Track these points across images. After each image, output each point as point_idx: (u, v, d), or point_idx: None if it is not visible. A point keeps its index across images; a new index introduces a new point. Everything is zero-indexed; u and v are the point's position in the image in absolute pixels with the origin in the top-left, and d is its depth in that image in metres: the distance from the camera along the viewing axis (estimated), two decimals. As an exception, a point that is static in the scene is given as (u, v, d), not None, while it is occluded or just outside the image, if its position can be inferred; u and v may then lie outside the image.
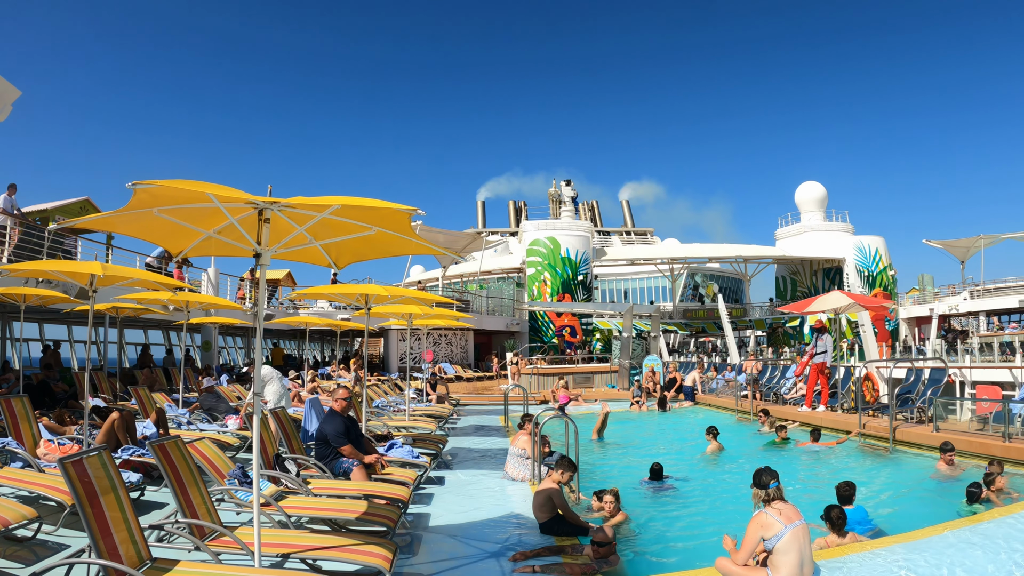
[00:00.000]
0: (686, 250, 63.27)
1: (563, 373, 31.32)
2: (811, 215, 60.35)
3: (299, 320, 25.70)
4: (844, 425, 17.05)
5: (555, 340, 48.63)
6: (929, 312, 51.37)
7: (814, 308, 21.60)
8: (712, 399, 25.95)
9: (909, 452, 14.44)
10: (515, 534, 8.41)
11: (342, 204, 5.49)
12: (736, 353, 34.65)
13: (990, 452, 12.46)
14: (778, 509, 6.42)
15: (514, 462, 12.02)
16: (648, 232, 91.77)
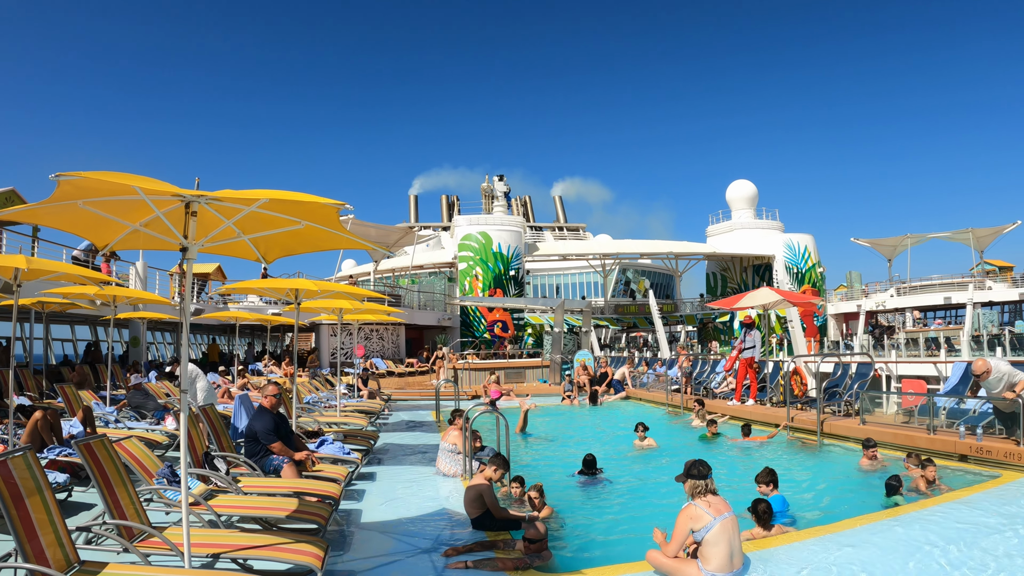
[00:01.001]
0: (618, 246, 63.90)
1: (495, 368, 31.32)
2: (742, 213, 61.42)
3: (229, 315, 25.40)
4: (773, 418, 17.26)
5: (487, 335, 48.75)
6: (857, 308, 52.50)
7: (743, 304, 21.87)
8: (643, 393, 26.15)
9: (836, 445, 14.70)
10: (447, 530, 8.43)
11: (270, 198, 5.45)
12: (667, 348, 34.96)
13: (915, 444, 12.79)
14: (707, 501, 6.51)
15: (445, 457, 12.05)
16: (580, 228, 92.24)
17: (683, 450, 14.78)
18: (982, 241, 61.44)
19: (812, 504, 10.52)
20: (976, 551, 7.25)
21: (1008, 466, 11.21)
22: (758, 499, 8.57)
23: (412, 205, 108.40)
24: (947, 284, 57.50)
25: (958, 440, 12.28)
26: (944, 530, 8.00)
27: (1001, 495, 9.72)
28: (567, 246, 64.60)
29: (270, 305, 31.38)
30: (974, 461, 11.87)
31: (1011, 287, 56.84)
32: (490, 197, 59.56)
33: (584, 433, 19.03)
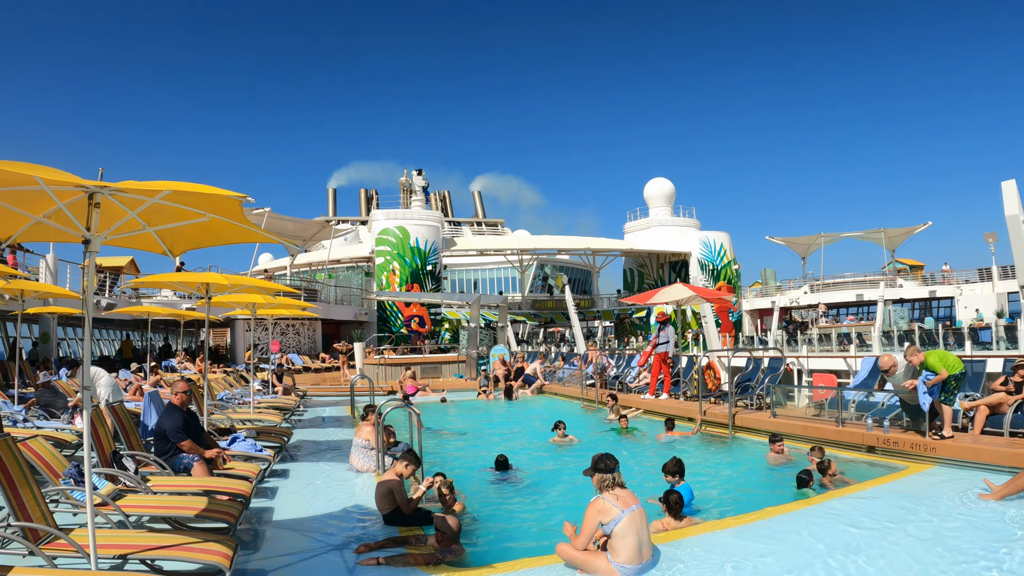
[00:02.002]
0: (536, 241, 64.04)
1: (410, 363, 31.26)
2: (659, 210, 62.14)
3: (141, 310, 24.83)
4: (686, 412, 17.45)
5: (404, 330, 48.53)
6: (771, 304, 53.59)
7: (657, 300, 22.06)
8: (559, 388, 26.28)
9: (748, 438, 14.97)
10: (359, 526, 8.46)
11: (172, 189, 5.40)
12: (583, 343, 35.28)
13: (824, 436, 13.11)
14: (615, 494, 6.60)
15: (358, 453, 12.05)
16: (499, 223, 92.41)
17: (598, 444, 14.80)
18: (894, 241, 63.27)
19: (723, 496, 10.68)
20: (881, 537, 7.53)
21: (914, 457, 11.57)
22: (669, 490, 8.72)
23: (330, 199, 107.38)
24: (859, 282, 59.09)
25: (866, 432, 12.65)
26: (853, 519, 8.26)
27: (907, 485, 10.08)
28: (485, 241, 64.60)
29: (184, 300, 30.84)
30: (882, 452, 12.22)
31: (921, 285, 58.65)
32: (408, 191, 59.24)
33: (499, 428, 19.12)
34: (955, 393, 11.83)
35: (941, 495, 9.35)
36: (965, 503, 8.86)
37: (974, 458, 10.90)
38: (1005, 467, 10.28)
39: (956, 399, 12.59)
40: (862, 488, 10.03)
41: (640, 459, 13.43)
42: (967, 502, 8.89)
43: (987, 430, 12.01)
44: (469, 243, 61.45)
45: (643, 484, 10.00)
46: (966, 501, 8.95)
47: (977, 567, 6.55)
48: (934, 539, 7.45)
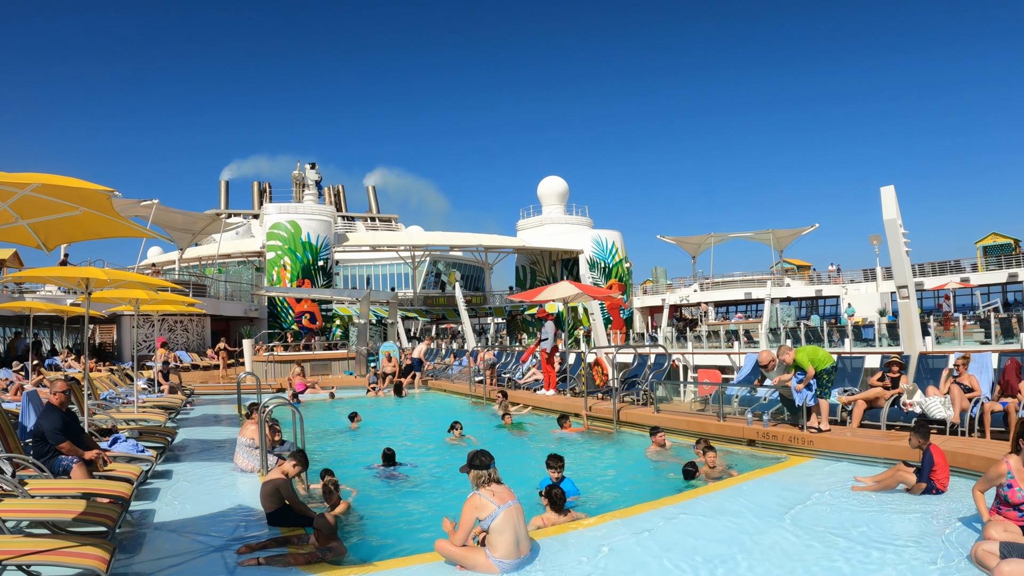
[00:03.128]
0: (428, 238, 63.98)
1: (300, 360, 31.04)
2: (552, 208, 62.89)
3: (22, 305, 24.12)
4: (573, 408, 17.62)
5: (295, 327, 47.95)
6: (661, 302, 54.74)
7: (543, 297, 22.29)
8: (447, 385, 26.45)
9: (633, 432, 15.17)
10: (242, 526, 8.39)
11: (41, 182, 5.37)
12: (472, 340, 35.53)
13: (707, 431, 13.36)
14: (492, 490, 6.71)
15: (243, 452, 11.91)
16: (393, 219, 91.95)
17: (491, 442, 14.86)
18: (782, 241, 65.34)
19: (606, 490, 10.87)
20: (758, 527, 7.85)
21: (792, 449, 11.99)
22: (551, 484, 8.81)
23: (223, 191, 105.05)
24: (748, 280, 60.83)
25: (746, 426, 13.02)
26: (731, 510, 8.56)
27: (785, 477, 10.49)
28: (377, 237, 64.32)
29: (68, 295, 30.00)
30: (761, 446, 12.59)
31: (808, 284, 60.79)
32: (301, 185, 58.58)
33: (388, 424, 19.09)
34: (829, 387, 12.24)
35: (816, 486, 9.73)
36: (838, 495, 9.23)
37: (850, 450, 11.33)
38: (880, 459, 10.74)
39: (832, 393, 13.10)
40: (742, 480, 10.36)
41: (528, 455, 13.52)
42: (840, 494, 9.27)
43: (865, 423, 12.56)
44: (362, 239, 61.01)
45: (531, 480, 10.11)
46: (839, 493, 9.32)
47: (845, 556, 6.85)
48: (808, 528, 7.77)
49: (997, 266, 53.23)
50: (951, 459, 9.52)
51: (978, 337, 31.74)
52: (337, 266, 57.22)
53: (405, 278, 67.03)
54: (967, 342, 30.76)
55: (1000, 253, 54.94)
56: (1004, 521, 6.77)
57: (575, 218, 63.07)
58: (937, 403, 11.84)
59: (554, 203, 63.06)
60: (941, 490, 8.93)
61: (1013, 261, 52.58)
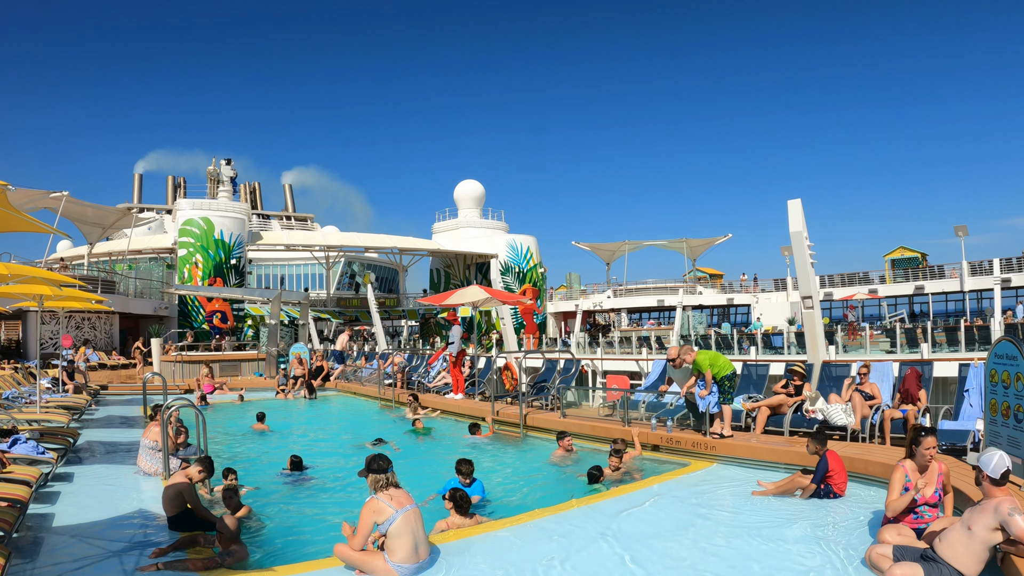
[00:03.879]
0: (343, 238, 63.51)
1: (209, 360, 30.66)
2: (468, 212, 63.01)
3: (-81, 301, 23.51)
4: (480, 412, 17.76)
5: (205, 326, 47.12)
6: (575, 307, 55.22)
7: (452, 301, 22.38)
8: (357, 387, 26.32)
9: (540, 437, 15.28)
10: (143, 531, 8.30)
11: None
12: (384, 342, 35.47)
13: (612, 435, 13.17)
14: (390, 495, 6.75)
15: (146, 455, 11.72)
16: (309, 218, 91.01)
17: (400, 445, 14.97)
18: (695, 250, 66.50)
19: (512, 494, 10.95)
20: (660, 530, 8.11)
21: (696, 455, 12.19)
22: (454, 487, 8.86)
23: (136, 185, 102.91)
24: (661, 288, 61.68)
25: (650, 432, 13.21)
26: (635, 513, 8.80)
27: (688, 481, 10.75)
28: (292, 236, 63.58)
29: (-31, 290, 29.18)
30: (666, 451, 12.78)
31: (720, 293, 61.98)
32: (216, 181, 57.76)
33: (297, 427, 18.98)
34: (731, 393, 12.55)
35: (717, 491, 10.04)
36: (738, 499, 9.53)
37: (751, 456, 11.63)
38: (781, 464, 11.05)
39: (736, 399, 13.42)
40: (646, 484, 10.55)
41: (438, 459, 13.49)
42: (740, 498, 9.57)
43: (769, 429, 12.87)
44: (276, 238, 60.27)
45: (441, 483, 10.12)
46: (740, 497, 9.62)
47: (743, 558, 7.12)
48: (708, 532, 8.06)
49: (904, 279, 55.00)
50: (850, 465, 9.86)
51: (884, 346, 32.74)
52: (250, 265, 56.42)
53: (319, 279, 66.26)
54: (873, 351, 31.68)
55: (908, 266, 56.68)
56: (898, 525, 7.09)
57: (491, 222, 63.29)
58: (839, 410, 12.21)
59: (470, 207, 63.19)
60: (839, 495, 9.21)
61: (920, 274, 54.34)
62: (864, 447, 11.41)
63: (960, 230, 48.36)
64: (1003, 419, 8.70)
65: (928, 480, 7.25)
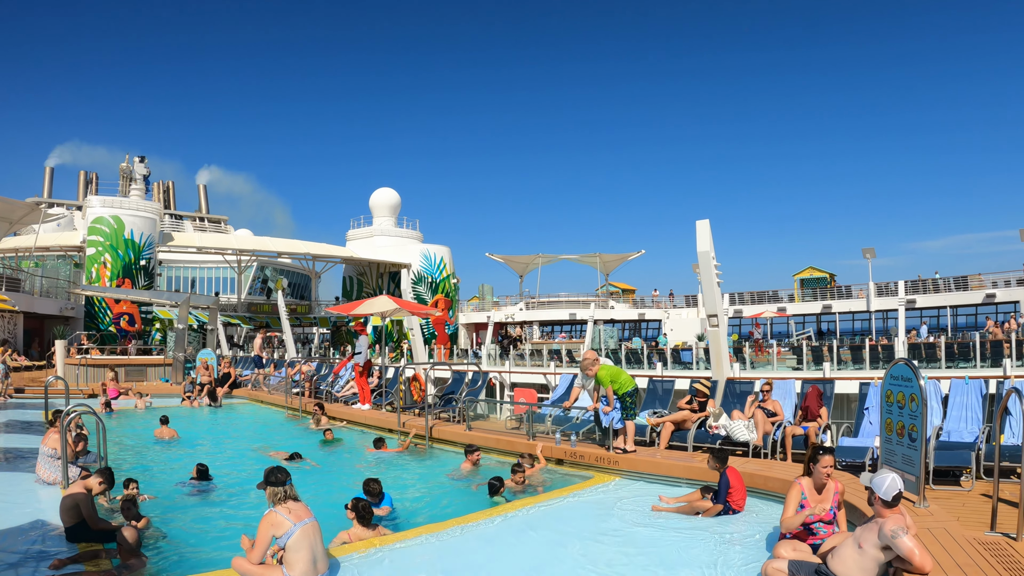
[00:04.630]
0: (257, 243, 62.63)
1: (114, 364, 30.09)
2: (383, 220, 62.71)
3: None
4: (386, 423, 17.86)
5: (112, 328, 46.02)
6: (487, 319, 55.50)
7: (360, 311, 22.32)
8: (264, 396, 26.01)
9: (446, 449, 15.32)
10: (40, 542, 8.20)
11: None
12: (293, 349, 35.29)
13: (516, 449, 13.53)
14: (288, 508, 6.73)
15: (45, 463, 11.46)
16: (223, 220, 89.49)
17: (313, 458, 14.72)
18: (608, 265, 67.37)
19: (416, 506, 10.92)
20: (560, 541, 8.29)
21: (599, 469, 12.27)
22: (356, 497, 8.74)
23: (47, 179, 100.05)
24: (573, 302, 62.23)
25: (554, 446, 13.24)
26: (537, 525, 8.97)
27: (590, 495, 10.94)
28: (204, 239, 62.34)
29: None
30: (569, 464, 12.83)
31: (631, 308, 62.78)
32: (129, 179, 56.28)
33: (201, 436, 18.64)
34: (634, 409, 12.68)
35: (618, 506, 10.09)
36: (639, 514, 9.62)
37: (653, 471, 11.74)
38: (682, 479, 11.16)
39: (641, 414, 13.74)
40: (548, 498, 10.66)
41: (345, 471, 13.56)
42: (641, 513, 9.66)
43: (673, 444, 13.02)
44: (187, 239, 58.97)
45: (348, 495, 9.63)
46: (640, 512, 9.70)
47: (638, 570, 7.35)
48: (606, 546, 8.24)
49: (813, 298, 56.51)
50: (750, 481, 10.07)
51: (791, 363, 33.60)
52: (160, 266, 55.22)
53: (231, 283, 65.13)
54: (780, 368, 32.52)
55: (816, 286, 58.28)
56: (794, 541, 7.28)
57: (405, 231, 63.17)
58: (741, 426, 12.39)
59: (385, 215, 62.94)
60: (737, 511, 9.36)
61: (828, 294, 55.90)
62: (765, 463, 11.56)
63: (868, 252, 49.97)
64: (898, 438, 8.98)
65: (824, 498, 7.44)
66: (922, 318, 49.11)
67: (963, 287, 47.92)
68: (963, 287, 47.92)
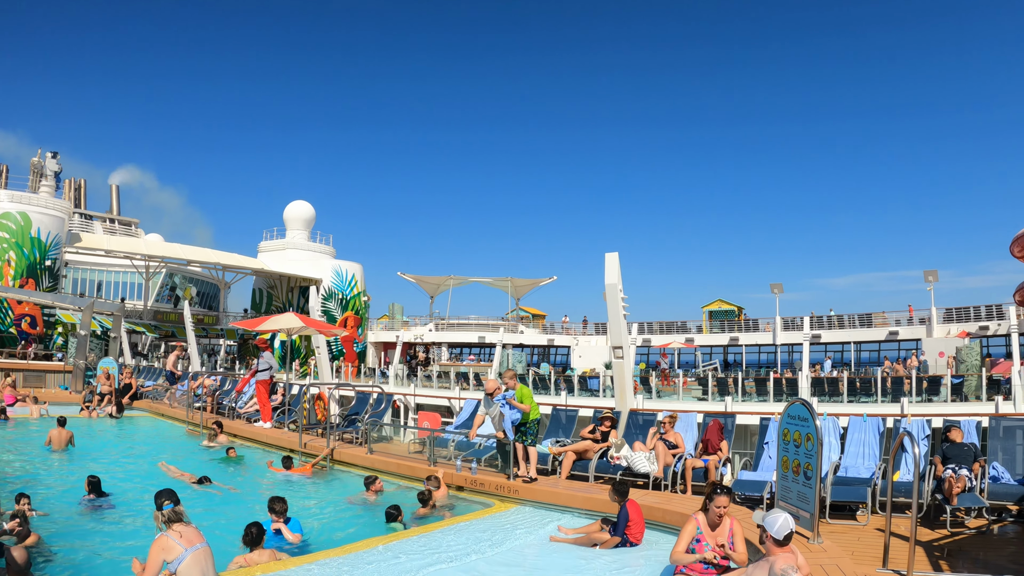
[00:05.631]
0: (167, 249, 61.00)
1: (10, 369, 29.27)
2: (297, 233, 62.10)
3: None
4: (287, 443, 17.50)
5: (13, 330, 44.68)
6: (396, 338, 55.23)
7: (266, 327, 21.97)
8: (166, 409, 25.43)
9: (348, 472, 15.13)
10: None
11: None
12: (198, 361, 34.67)
13: (417, 474, 13.47)
14: (179, 532, 6.66)
15: None
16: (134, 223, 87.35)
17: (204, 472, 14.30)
18: (519, 290, 67.67)
19: (314, 530, 10.71)
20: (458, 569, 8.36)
21: (499, 497, 12.29)
22: (251, 523, 8.62)
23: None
24: (483, 324, 62.33)
25: (455, 472, 13.27)
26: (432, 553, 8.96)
27: (489, 523, 10.94)
28: (114, 242, 60.58)
29: None
30: (470, 492, 12.82)
31: (541, 333, 63.11)
32: (39, 175, 54.91)
33: (99, 448, 18.35)
34: (535, 437, 12.80)
35: (517, 535, 10.19)
36: (536, 544, 9.78)
37: (553, 500, 11.76)
38: (582, 510, 11.25)
39: (545, 443, 13.84)
40: (447, 525, 10.69)
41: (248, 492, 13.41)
42: (538, 543, 9.81)
43: (575, 474, 12.96)
44: (96, 241, 57.26)
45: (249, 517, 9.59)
46: (537, 542, 9.85)
47: None
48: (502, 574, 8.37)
49: (720, 330, 57.43)
50: (649, 513, 10.08)
51: (696, 393, 34.27)
52: (67, 267, 53.77)
53: (138, 288, 63.34)
54: (686, 398, 33.31)
55: (724, 318, 59.31)
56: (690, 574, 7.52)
57: (318, 246, 62.62)
58: (642, 458, 12.35)
59: (299, 228, 62.28)
60: (635, 543, 9.36)
61: (736, 326, 56.95)
62: (664, 496, 11.65)
63: (776, 287, 51.16)
64: (794, 475, 9.20)
65: (719, 534, 7.59)
66: (827, 352, 50.52)
67: (867, 324, 49.45)
68: (867, 324, 49.45)
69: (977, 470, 10.74)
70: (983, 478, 10.76)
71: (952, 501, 9.98)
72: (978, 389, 29.69)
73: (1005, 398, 27.40)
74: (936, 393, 30.15)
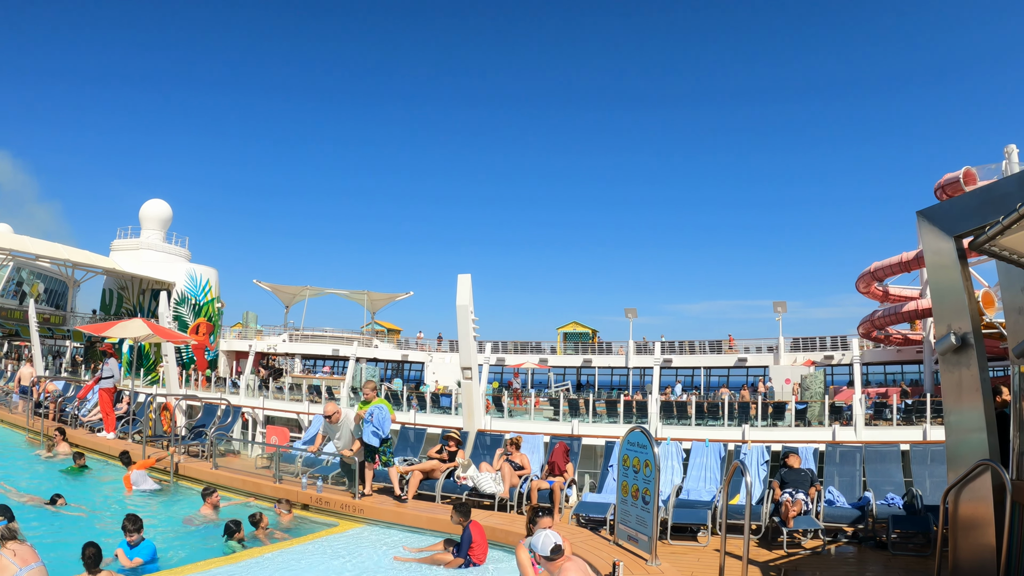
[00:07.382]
0: (14, 241, 57.38)
1: None
2: (152, 233, 59.72)
3: None
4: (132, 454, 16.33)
5: None
6: (248, 348, 54.21)
7: (113, 333, 21.25)
8: (4, 414, 24.00)
9: (192, 487, 14.43)
10: None
11: None
12: (40, 364, 33.18)
13: (262, 491, 13.39)
14: (12, 550, 6.47)
15: None
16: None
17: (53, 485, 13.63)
18: (376, 304, 67.23)
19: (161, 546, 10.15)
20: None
21: (344, 516, 12.20)
22: (87, 543, 8.21)
23: None
24: (337, 337, 61.59)
25: (300, 490, 13.00)
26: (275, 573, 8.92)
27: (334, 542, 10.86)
28: (-49, 232, 57.89)
29: None
30: (315, 510, 12.63)
31: (396, 348, 62.95)
32: None
33: None
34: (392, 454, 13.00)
35: (360, 554, 10.12)
36: (380, 563, 9.72)
37: (398, 520, 11.77)
38: (427, 530, 11.22)
39: (393, 461, 13.62)
40: (290, 544, 10.60)
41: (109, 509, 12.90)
42: (382, 562, 9.76)
43: (421, 493, 12.94)
44: (-70, 230, 54.54)
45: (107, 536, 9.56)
46: (381, 561, 9.80)
47: None
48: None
49: (574, 351, 58.53)
50: (492, 534, 10.18)
51: (548, 413, 34.80)
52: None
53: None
54: (537, 417, 33.70)
55: (579, 340, 60.33)
56: None
57: (173, 248, 60.42)
58: (489, 478, 12.59)
59: (154, 228, 59.88)
60: (478, 564, 9.45)
61: (589, 348, 58.08)
62: (509, 517, 11.67)
63: (630, 312, 52.24)
64: (632, 499, 9.46)
65: None
66: (677, 376, 52.02)
67: (717, 350, 51.32)
68: (717, 350, 51.32)
69: (813, 494, 11.42)
70: (819, 502, 11.45)
71: (788, 523, 10.63)
72: (821, 415, 31.23)
73: (843, 424, 28.91)
74: (781, 418, 31.49)
